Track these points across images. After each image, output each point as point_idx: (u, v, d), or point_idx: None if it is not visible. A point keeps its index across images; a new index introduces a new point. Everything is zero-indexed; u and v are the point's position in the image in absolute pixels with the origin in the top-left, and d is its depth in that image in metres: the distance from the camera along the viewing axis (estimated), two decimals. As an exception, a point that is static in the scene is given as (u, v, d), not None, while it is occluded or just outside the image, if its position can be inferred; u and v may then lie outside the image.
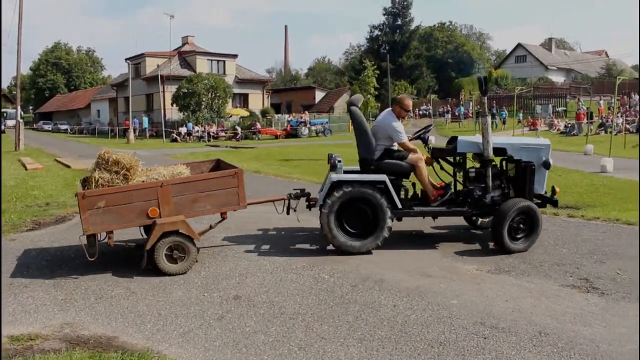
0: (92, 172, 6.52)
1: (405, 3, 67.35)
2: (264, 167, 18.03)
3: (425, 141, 7.72)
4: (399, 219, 7.37)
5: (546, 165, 7.37)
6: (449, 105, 51.00)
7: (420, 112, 51.92)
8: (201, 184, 6.46)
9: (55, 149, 30.95)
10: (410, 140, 7.60)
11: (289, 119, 45.01)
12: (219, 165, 7.80)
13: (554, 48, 77.19)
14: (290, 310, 5.17)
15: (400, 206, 7.02)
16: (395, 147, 7.46)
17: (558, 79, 65.96)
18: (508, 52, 77.92)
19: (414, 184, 7.76)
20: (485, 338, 4.48)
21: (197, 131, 40.07)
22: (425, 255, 6.96)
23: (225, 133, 41.08)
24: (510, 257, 6.79)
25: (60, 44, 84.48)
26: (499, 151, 7.40)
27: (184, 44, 54.76)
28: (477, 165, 7.58)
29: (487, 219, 8.21)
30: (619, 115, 31.85)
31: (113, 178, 6.42)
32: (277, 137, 40.73)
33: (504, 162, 7.71)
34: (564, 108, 43.64)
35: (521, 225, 6.98)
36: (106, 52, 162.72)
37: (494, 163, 7.41)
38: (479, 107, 44.97)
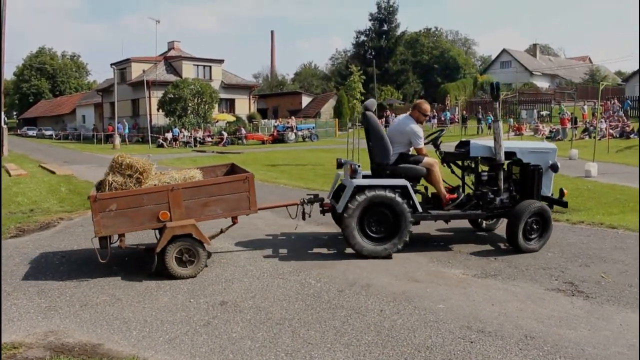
0: (106, 175, 6.58)
1: (391, 9, 67.72)
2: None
3: (437, 146, 7.78)
4: (416, 223, 7.41)
5: (554, 168, 7.63)
6: (435, 111, 51.24)
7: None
8: (212, 188, 6.50)
9: (39, 154, 30.67)
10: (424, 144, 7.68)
11: (276, 124, 45.02)
12: (233, 169, 7.80)
13: (538, 54, 78.04)
14: (277, 315, 5.16)
15: (420, 210, 7.11)
16: (410, 151, 7.53)
17: (543, 84, 66.69)
18: (493, 57, 78.60)
19: (425, 188, 7.80)
20: (471, 342, 4.49)
21: (184, 136, 39.92)
22: (411, 259, 6.98)
23: (212, 138, 40.97)
24: (496, 261, 6.84)
25: (45, 49, 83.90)
26: (508, 155, 7.55)
27: (169, 49, 54.59)
28: (485, 168, 7.70)
29: (492, 221, 8.39)
30: (603, 120, 32.18)
31: (126, 181, 6.47)
32: (263, 142, 40.74)
33: (511, 166, 7.82)
34: (548, 112, 44.02)
35: (535, 226, 7.18)
36: (91, 57, 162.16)
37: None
38: (465, 112, 45.32)
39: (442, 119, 47.07)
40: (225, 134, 40.41)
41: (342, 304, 5.42)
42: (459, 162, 8.02)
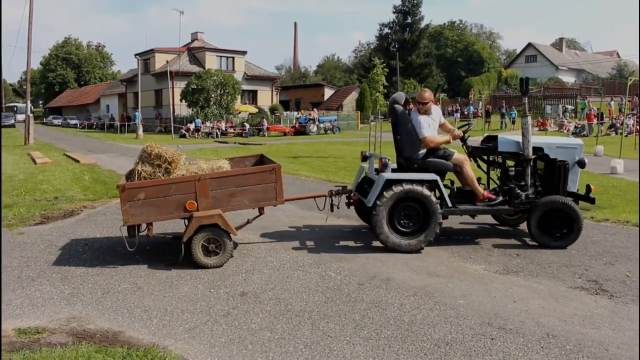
0: (136, 165, 6.67)
1: (415, 1, 67.13)
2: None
3: (464, 140, 7.73)
4: (445, 217, 7.37)
5: (581, 164, 7.58)
6: (458, 105, 50.83)
7: (429, 111, 51.72)
8: (239, 179, 6.54)
9: (64, 143, 31.09)
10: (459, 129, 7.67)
11: (298, 116, 44.98)
12: (262, 161, 7.82)
13: (564, 48, 76.83)
14: (297, 307, 5.16)
15: (450, 204, 7.08)
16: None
17: (568, 79, 65.64)
18: (518, 51, 77.60)
19: (451, 182, 7.78)
20: (492, 339, 4.45)
21: (206, 127, 40.10)
22: (432, 254, 6.93)
23: (234, 129, 41.10)
24: (518, 258, 6.76)
25: (71, 39, 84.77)
26: (535, 150, 7.51)
27: (193, 40, 54.85)
28: (512, 163, 7.68)
29: (515, 217, 8.34)
30: (630, 116, 31.62)
31: (155, 171, 6.56)
32: (285, 134, 40.74)
33: (536, 161, 7.75)
34: (572, 107, 43.36)
35: (559, 223, 7.15)
36: (116, 47, 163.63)
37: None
38: (489, 106, 44.82)
39: (466, 113, 46.62)
40: (248, 126, 40.51)
41: (362, 297, 5.41)
42: (485, 157, 8.00)
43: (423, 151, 7.35)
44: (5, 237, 7.76)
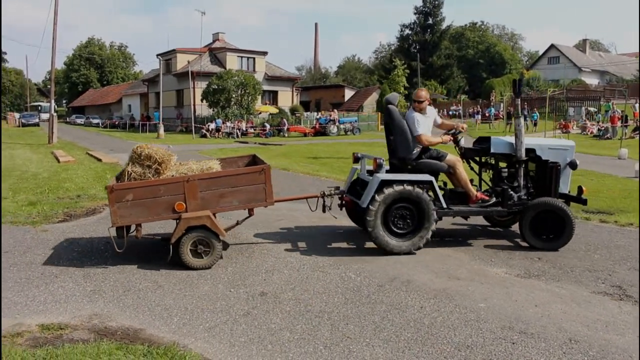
0: (126, 165, 6.65)
1: (436, 2, 66.84)
2: (292, 164, 18.05)
3: (457, 142, 7.67)
4: (439, 219, 7.32)
5: (572, 165, 7.57)
6: (479, 106, 50.47)
7: (450, 113, 51.51)
8: (228, 180, 6.48)
9: (87, 142, 31.44)
10: (445, 134, 7.60)
11: (318, 116, 44.97)
12: (255, 161, 7.80)
13: (588, 49, 75.84)
14: (316, 308, 5.16)
15: (444, 206, 7.05)
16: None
17: (592, 81, 64.79)
18: (541, 53, 76.81)
19: (444, 183, 7.72)
20: (513, 343, 4.40)
21: (227, 127, 40.29)
22: (453, 256, 6.88)
23: (254, 130, 41.24)
24: (540, 262, 6.68)
25: (94, 40, 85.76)
26: (528, 151, 7.50)
27: (214, 41, 55.17)
28: (504, 164, 7.67)
29: (507, 218, 8.32)
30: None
31: (145, 172, 6.52)
32: (305, 134, 40.75)
33: (527, 162, 7.73)
34: (595, 110, 42.77)
35: (551, 224, 7.11)
36: (138, 48, 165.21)
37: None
38: (510, 108, 44.40)
39: (487, 115, 46.28)
40: (268, 126, 40.62)
41: (382, 299, 5.39)
42: (477, 158, 7.98)
43: (416, 152, 7.25)
44: (30, 235, 7.89)
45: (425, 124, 7.30)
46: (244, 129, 40.75)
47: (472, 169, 8.07)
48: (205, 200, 6.38)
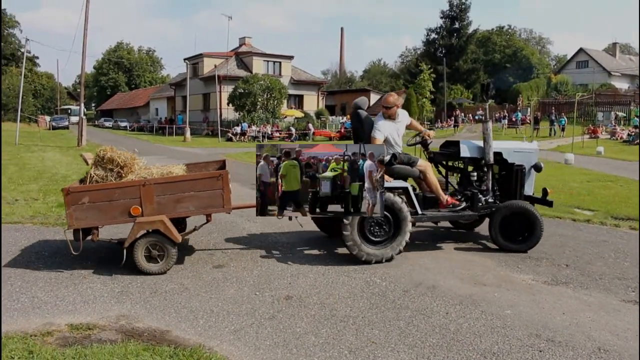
0: (90, 169, 6.65)
1: (463, 6, 66.39)
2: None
3: (426, 145, 7.73)
4: (413, 225, 7.33)
5: (537, 168, 7.71)
6: (505, 111, 49.94)
7: (476, 118, 51.07)
8: (185, 185, 6.37)
9: (115, 145, 31.70)
10: (410, 145, 7.95)
11: (343, 121, 45.00)
12: (224, 166, 7.70)
13: (618, 53, 74.54)
14: (341, 312, 5.16)
15: (420, 212, 7.02)
16: (400, 150, 7.39)
17: (622, 85, 63.71)
18: (569, 57, 75.80)
19: (414, 188, 7.64)
20: (540, 351, 4.35)
21: (252, 131, 40.54)
22: (478, 262, 6.83)
23: (280, 134, 41.43)
24: (568, 269, 6.59)
25: (123, 44, 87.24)
26: (495, 155, 7.59)
27: (241, 45, 55.62)
28: (470, 168, 7.76)
29: (471, 220, 8.18)
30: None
31: (107, 175, 6.51)
32: (330, 139, 40.78)
33: (494, 166, 7.79)
34: (624, 114, 42.04)
35: (518, 226, 7.26)
36: (166, 52, 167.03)
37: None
38: (538, 112, 43.90)
39: (514, 119, 45.79)
40: (294, 130, 40.75)
41: (407, 304, 5.37)
42: (445, 162, 8.00)
43: (387, 157, 7.00)
44: (59, 235, 8.01)
45: (386, 129, 7.16)
46: (270, 132, 40.96)
47: (439, 172, 8.10)
48: (161, 204, 6.30)
